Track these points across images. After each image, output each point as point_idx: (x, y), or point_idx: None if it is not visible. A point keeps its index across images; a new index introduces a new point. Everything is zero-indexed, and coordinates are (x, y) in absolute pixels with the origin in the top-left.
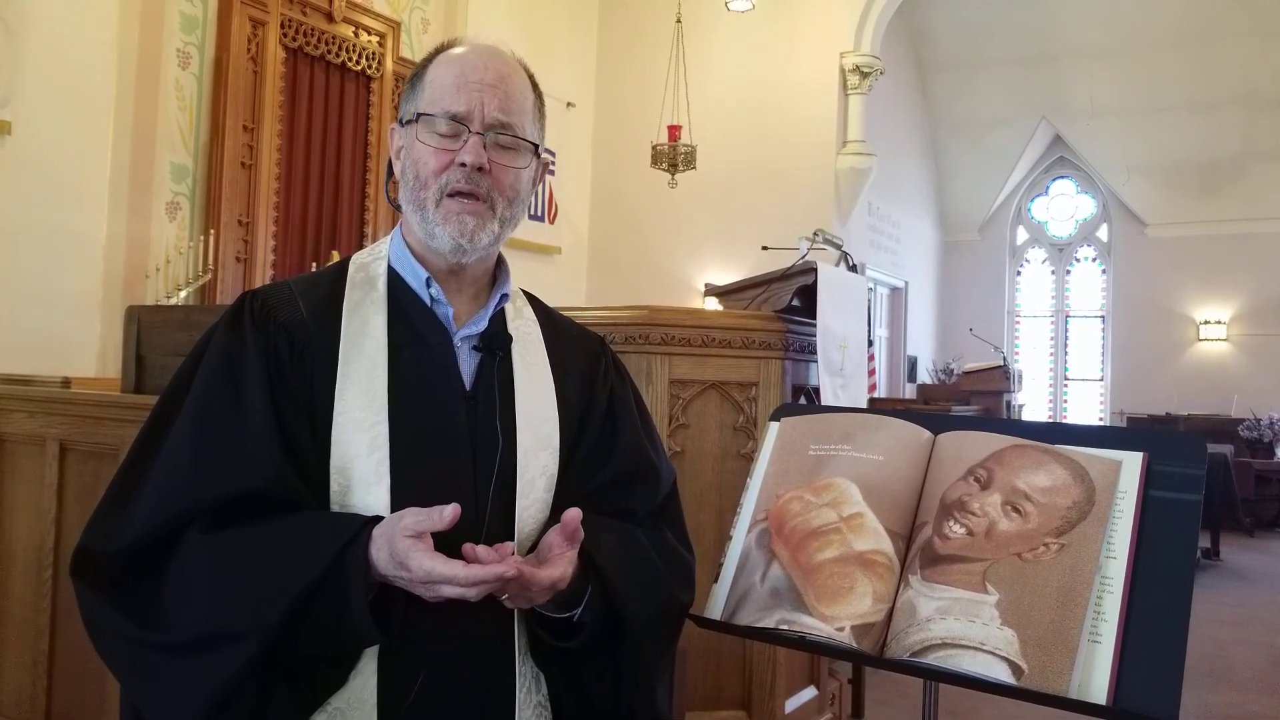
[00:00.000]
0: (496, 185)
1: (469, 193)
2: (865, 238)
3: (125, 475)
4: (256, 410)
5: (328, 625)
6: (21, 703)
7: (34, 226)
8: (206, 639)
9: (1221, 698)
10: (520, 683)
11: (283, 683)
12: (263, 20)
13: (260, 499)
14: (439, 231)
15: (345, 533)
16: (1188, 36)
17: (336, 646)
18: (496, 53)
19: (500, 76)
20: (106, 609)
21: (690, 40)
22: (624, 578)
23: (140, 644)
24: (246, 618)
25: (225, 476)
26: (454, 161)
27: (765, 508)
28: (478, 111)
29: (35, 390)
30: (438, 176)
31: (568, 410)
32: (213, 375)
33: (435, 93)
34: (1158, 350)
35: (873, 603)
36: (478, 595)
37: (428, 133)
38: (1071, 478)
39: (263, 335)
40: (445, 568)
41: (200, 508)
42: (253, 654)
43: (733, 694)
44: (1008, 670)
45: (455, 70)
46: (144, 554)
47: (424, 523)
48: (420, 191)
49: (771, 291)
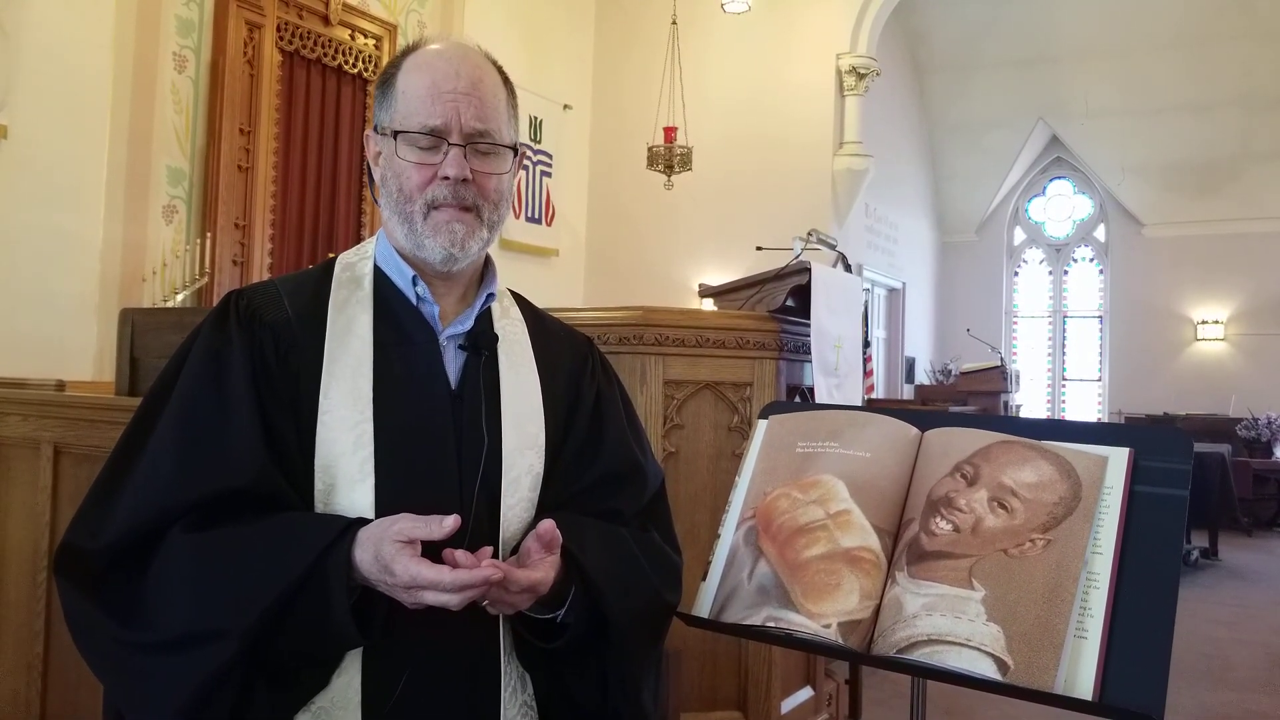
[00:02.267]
0: (481, 193)
1: (455, 204)
2: (862, 239)
3: (109, 473)
4: (241, 408)
5: (309, 625)
6: (16, 706)
7: (30, 230)
8: (187, 638)
9: (1219, 697)
10: (505, 682)
11: (264, 682)
12: (259, 23)
13: (244, 497)
14: (429, 243)
15: (329, 534)
16: (1185, 37)
17: (318, 647)
18: (465, 55)
19: (473, 83)
20: (88, 607)
21: (686, 42)
22: (608, 578)
23: (121, 643)
24: (227, 617)
25: (208, 474)
26: (436, 175)
27: (753, 505)
28: (455, 123)
29: (30, 393)
30: (422, 191)
31: (554, 410)
32: (197, 374)
33: (410, 105)
34: (1155, 350)
35: (860, 599)
36: (460, 602)
37: (407, 148)
38: (1058, 473)
39: (248, 334)
40: (431, 572)
41: (183, 506)
42: (233, 653)
43: (728, 695)
44: (994, 666)
45: (427, 80)
46: (127, 552)
47: (419, 529)
48: (405, 205)
49: (766, 292)
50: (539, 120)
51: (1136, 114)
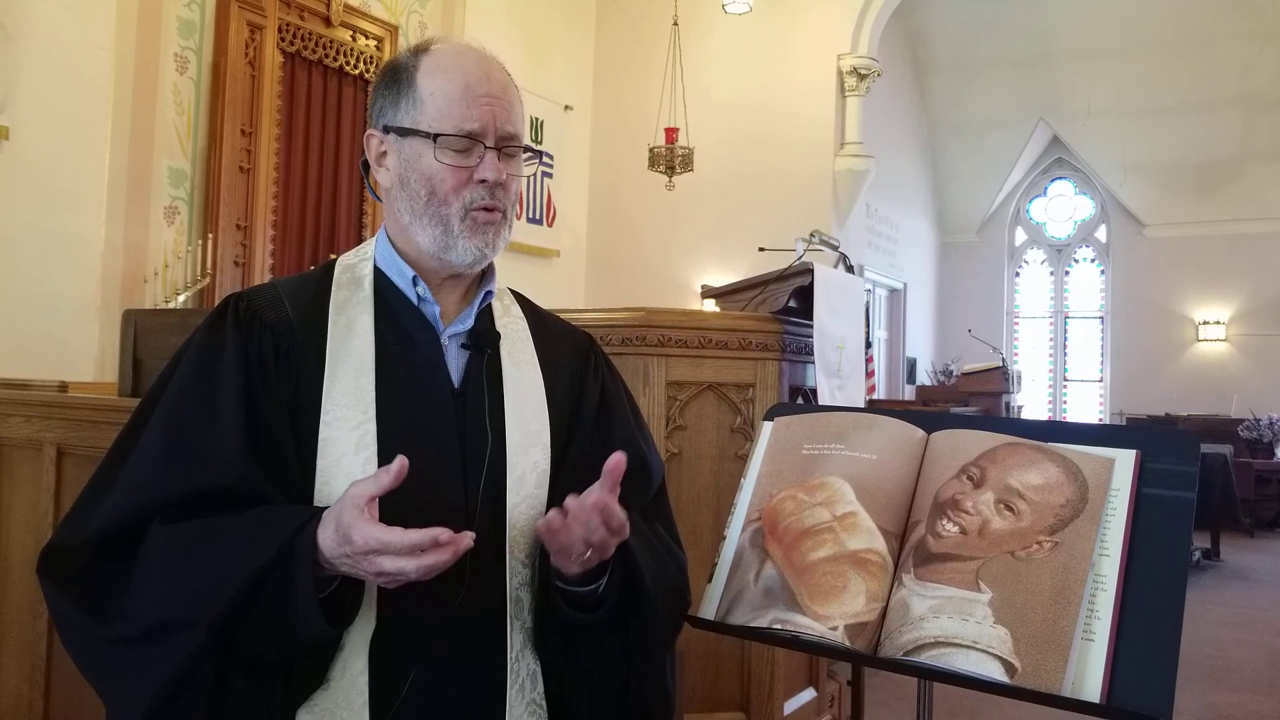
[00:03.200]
0: (508, 195)
1: (491, 206)
2: (863, 239)
3: (98, 476)
4: (229, 409)
5: (276, 614)
6: (19, 708)
7: (32, 231)
8: (156, 628)
9: (1222, 698)
10: (512, 680)
11: (244, 678)
12: (260, 24)
13: (227, 497)
14: (463, 244)
15: (298, 520)
16: (1185, 37)
17: (287, 638)
18: (489, 59)
19: (503, 87)
20: (70, 605)
21: (687, 43)
22: (642, 549)
23: (99, 639)
24: (195, 605)
25: (190, 472)
26: (472, 178)
27: (759, 507)
28: (490, 126)
29: (32, 394)
30: (458, 193)
31: (557, 407)
32: (189, 375)
33: (442, 107)
34: (1157, 351)
35: (866, 602)
36: (419, 570)
37: (443, 150)
38: (1064, 475)
39: (245, 336)
40: (386, 534)
41: (164, 502)
42: (200, 643)
43: (731, 696)
44: (1001, 669)
45: (460, 83)
46: (108, 548)
47: (370, 485)
48: (440, 208)
49: (768, 293)
50: (540, 121)
51: (1137, 114)
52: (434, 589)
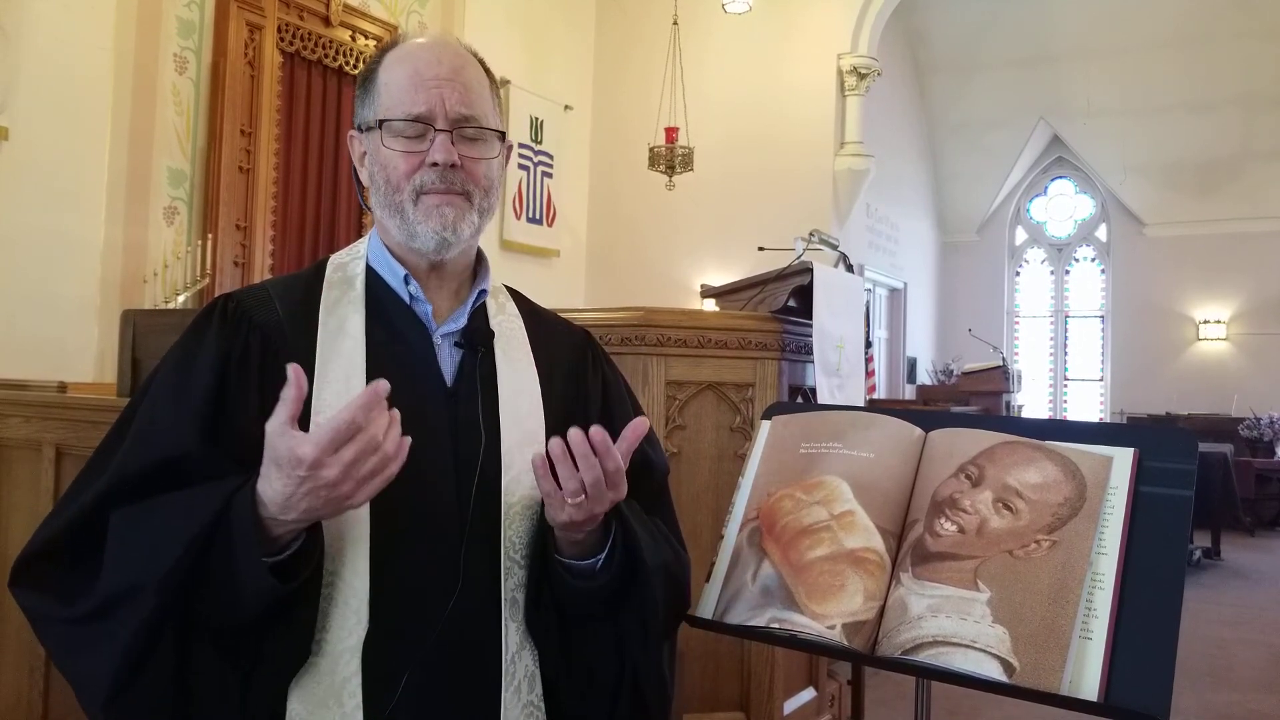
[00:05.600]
0: (470, 178)
1: (444, 190)
2: (864, 239)
3: (73, 484)
4: (194, 399)
5: (222, 574)
6: (19, 707)
7: (31, 232)
8: (109, 600)
9: (1222, 697)
10: (508, 682)
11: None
12: (260, 24)
13: (188, 479)
14: (420, 230)
15: (241, 479)
16: (1185, 36)
17: (242, 599)
18: (446, 45)
19: (454, 69)
20: (38, 598)
21: (687, 42)
22: (640, 529)
23: (63, 620)
24: (141, 571)
25: (141, 451)
26: (424, 162)
27: (756, 506)
28: (439, 109)
29: (31, 395)
30: (409, 178)
31: (554, 405)
32: (164, 374)
33: (392, 96)
34: (1157, 350)
35: (864, 601)
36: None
37: (392, 137)
38: (1062, 474)
39: (230, 336)
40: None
41: (121, 484)
42: (153, 607)
43: (731, 695)
44: (999, 668)
45: (409, 70)
46: (74, 538)
47: (281, 411)
48: (394, 195)
49: (768, 292)
50: (540, 121)
51: (1137, 113)
52: (427, 590)
